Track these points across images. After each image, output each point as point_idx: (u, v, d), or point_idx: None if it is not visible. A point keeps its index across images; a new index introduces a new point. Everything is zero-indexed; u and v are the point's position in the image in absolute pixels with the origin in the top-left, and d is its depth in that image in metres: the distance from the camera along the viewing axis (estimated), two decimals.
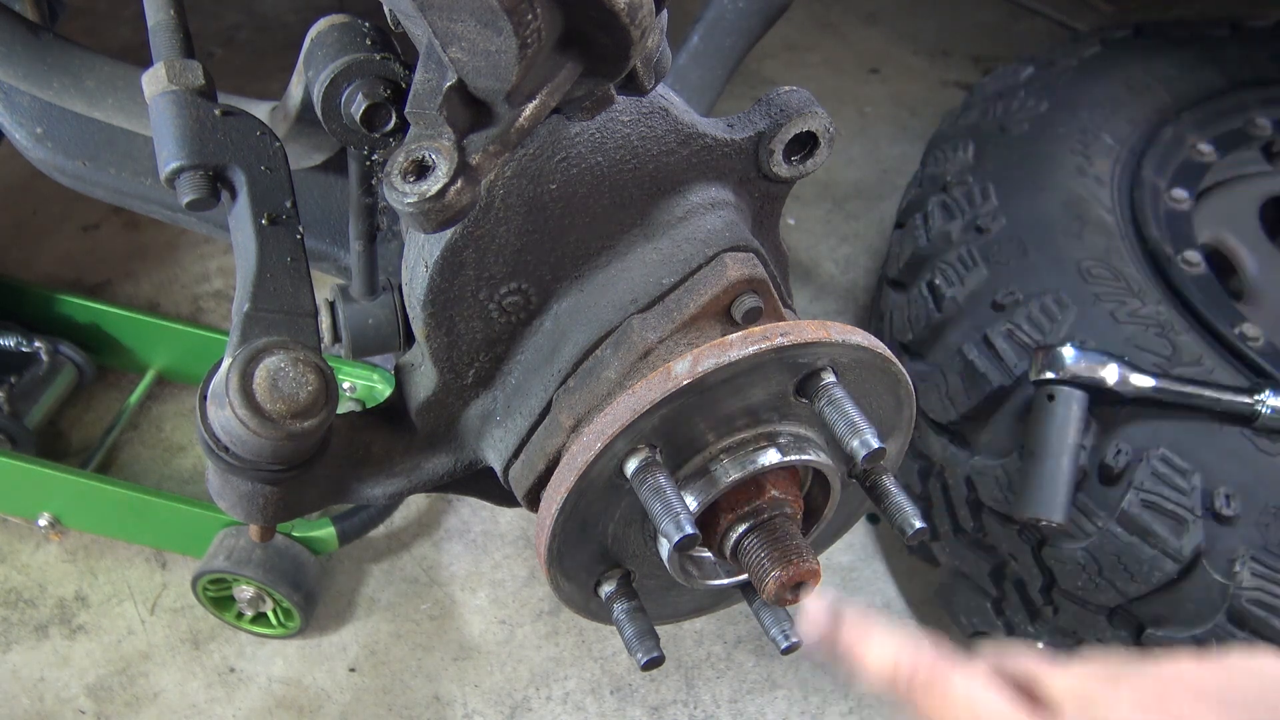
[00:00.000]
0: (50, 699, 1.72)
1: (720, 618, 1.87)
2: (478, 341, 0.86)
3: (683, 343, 0.82)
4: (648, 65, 0.70)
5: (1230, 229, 1.82)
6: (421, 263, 0.83)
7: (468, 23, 0.60)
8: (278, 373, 0.74)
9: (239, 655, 1.79)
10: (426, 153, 0.67)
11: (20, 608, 1.82)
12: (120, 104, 1.08)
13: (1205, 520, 1.39)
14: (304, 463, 0.82)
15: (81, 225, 2.42)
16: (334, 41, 0.86)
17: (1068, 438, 1.44)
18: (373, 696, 1.76)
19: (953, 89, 3.03)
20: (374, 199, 1.00)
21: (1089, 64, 2.01)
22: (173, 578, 1.87)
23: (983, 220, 1.74)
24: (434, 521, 1.98)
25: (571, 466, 0.76)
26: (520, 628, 1.85)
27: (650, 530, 0.83)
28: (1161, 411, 1.46)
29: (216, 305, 2.31)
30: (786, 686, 1.80)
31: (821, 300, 2.44)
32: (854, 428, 0.74)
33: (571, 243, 0.85)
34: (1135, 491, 1.42)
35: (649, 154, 0.84)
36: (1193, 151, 1.87)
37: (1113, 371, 1.44)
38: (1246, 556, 1.37)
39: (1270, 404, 1.41)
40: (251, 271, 0.81)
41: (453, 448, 0.93)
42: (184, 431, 2.08)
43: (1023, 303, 1.59)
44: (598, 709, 1.76)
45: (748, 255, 0.85)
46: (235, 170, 0.84)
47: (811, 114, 0.88)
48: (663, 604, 0.92)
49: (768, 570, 0.76)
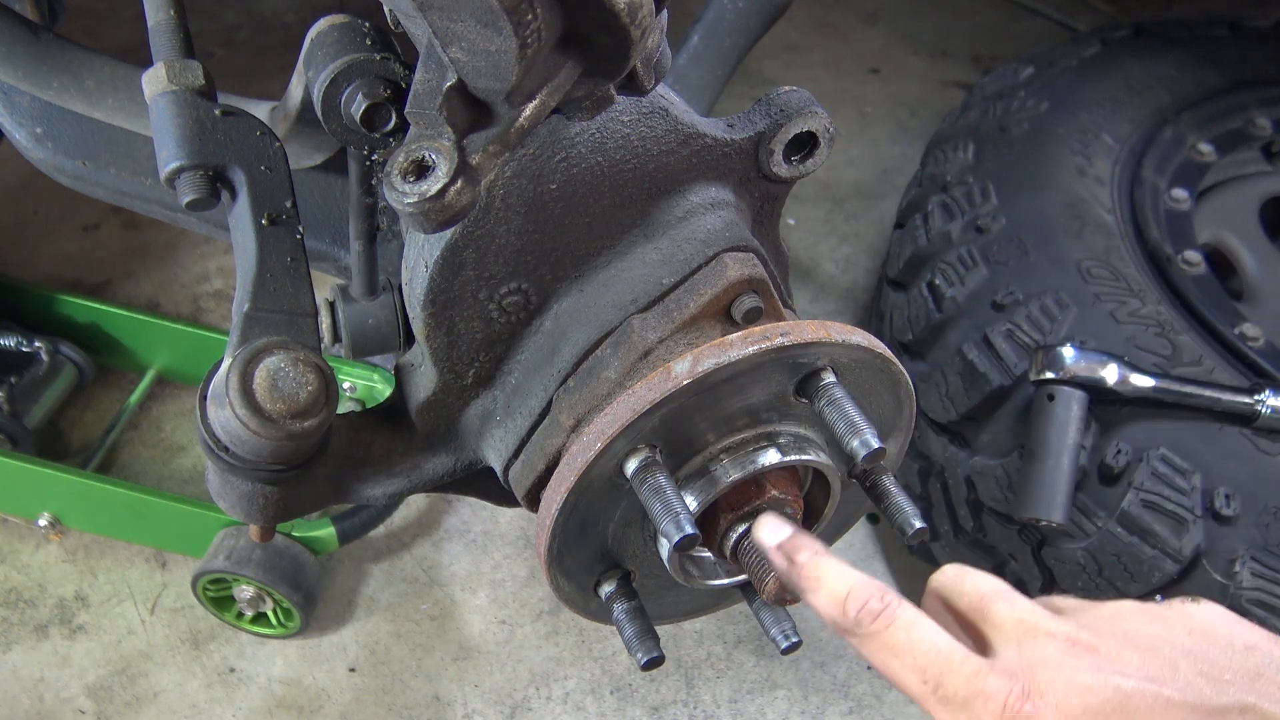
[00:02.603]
0: (50, 699, 1.72)
1: (720, 618, 1.87)
2: (478, 341, 0.86)
3: (683, 343, 0.82)
4: (648, 65, 0.70)
5: (1230, 229, 1.82)
6: (421, 263, 0.83)
7: (468, 23, 0.60)
8: (278, 373, 0.74)
9: (239, 655, 1.79)
10: (426, 153, 0.67)
11: (20, 608, 1.82)
12: (120, 104, 1.08)
13: (1205, 520, 1.39)
14: (304, 463, 0.82)
15: (81, 225, 2.42)
16: (334, 41, 0.86)
17: (1068, 438, 1.44)
18: (373, 696, 1.76)
19: (953, 89, 3.03)
20: (374, 199, 1.00)
21: (1089, 64, 2.01)
22: (173, 578, 1.87)
23: (983, 220, 1.74)
24: (434, 521, 1.98)
25: (571, 466, 0.76)
26: (520, 628, 1.85)
27: (650, 530, 0.83)
28: (1161, 411, 1.45)
29: (216, 305, 2.31)
30: (786, 686, 1.80)
31: (821, 300, 2.44)
32: (854, 428, 0.74)
33: (571, 243, 0.85)
34: (1135, 491, 1.42)
35: (649, 154, 0.84)
36: (1193, 151, 1.87)
37: (1113, 371, 1.44)
38: (1246, 556, 1.37)
39: (1270, 404, 1.41)
40: (251, 271, 0.81)
41: (453, 448, 0.93)
42: (184, 431, 2.08)
43: (1023, 303, 1.59)
44: (598, 709, 1.76)
45: (748, 255, 0.85)
46: (235, 170, 0.84)
47: (811, 114, 0.88)
48: (663, 604, 0.92)
49: (768, 570, 0.76)
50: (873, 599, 0.63)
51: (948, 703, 0.59)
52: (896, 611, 0.62)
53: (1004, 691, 0.57)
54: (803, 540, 0.69)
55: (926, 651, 0.60)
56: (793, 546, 0.69)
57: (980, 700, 0.58)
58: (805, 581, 0.67)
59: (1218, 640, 0.59)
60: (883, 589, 0.64)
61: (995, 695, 0.57)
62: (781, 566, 0.69)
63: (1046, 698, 0.57)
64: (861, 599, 0.63)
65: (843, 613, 0.63)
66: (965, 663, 0.59)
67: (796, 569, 0.68)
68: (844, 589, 0.64)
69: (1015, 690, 0.57)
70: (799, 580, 0.68)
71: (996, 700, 0.57)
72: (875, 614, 0.62)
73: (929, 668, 0.60)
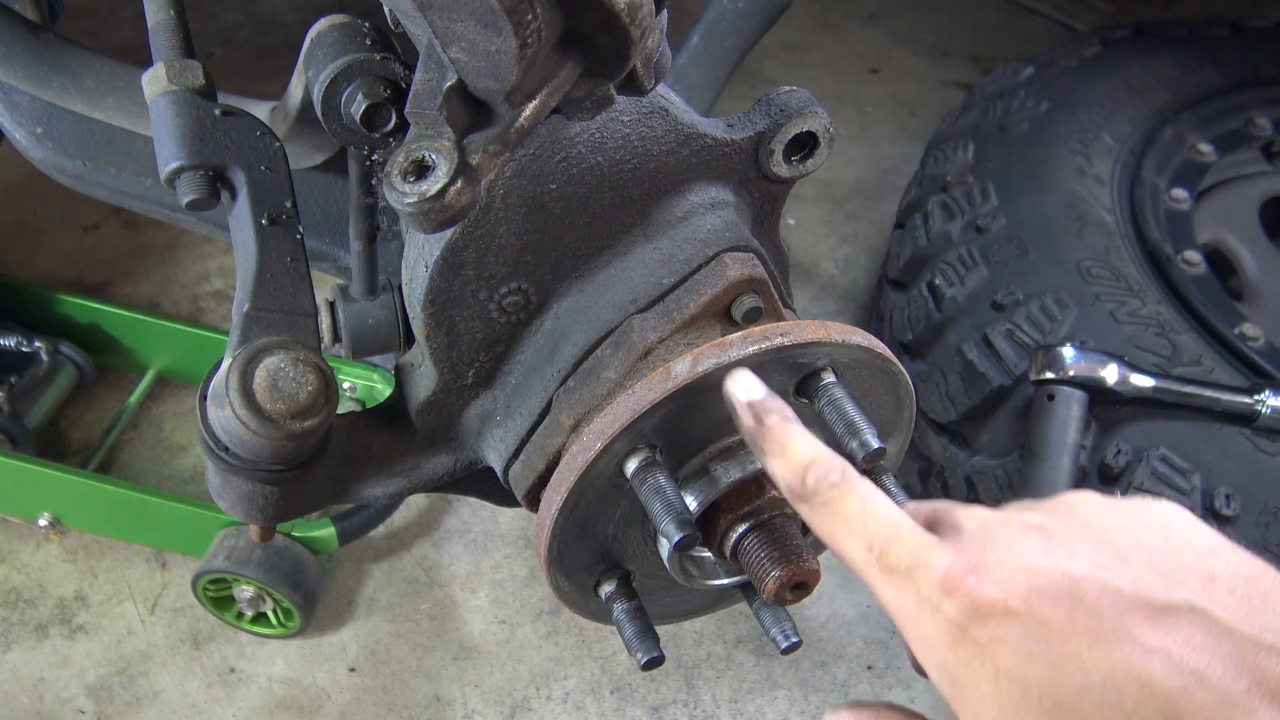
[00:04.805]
0: (50, 699, 1.72)
1: (720, 618, 1.87)
2: (478, 341, 0.86)
3: (683, 343, 0.82)
4: (648, 65, 0.70)
5: (1230, 229, 1.83)
6: (421, 263, 0.83)
7: (468, 23, 0.60)
8: (278, 373, 0.74)
9: (239, 655, 1.79)
10: (426, 153, 0.67)
11: (20, 608, 1.82)
12: (120, 104, 1.08)
13: (1205, 520, 1.39)
14: (304, 463, 0.82)
15: (81, 225, 2.42)
16: (334, 41, 0.86)
17: (1068, 438, 1.44)
18: (373, 696, 1.76)
19: (953, 89, 3.03)
20: (374, 199, 1.00)
21: (1089, 64, 2.01)
22: (173, 578, 1.87)
23: (983, 220, 1.74)
24: (434, 521, 1.98)
25: (571, 466, 0.76)
26: (520, 628, 1.85)
27: (650, 530, 0.83)
28: (1161, 411, 1.46)
29: (216, 305, 2.31)
30: (786, 686, 1.80)
31: (821, 300, 2.44)
32: (854, 428, 0.74)
33: (571, 242, 0.85)
34: (1135, 491, 1.42)
35: (649, 154, 0.84)
36: (1193, 151, 1.87)
37: (1113, 371, 1.44)
38: None
39: (1270, 404, 1.41)
40: (251, 271, 0.81)
41: (453, 448, 0.93)
42: (184, 431, 2.08)
43: (1023, 303, 1.59)
44: (598, 709, 1.76)
45: (748, 255, 0.85)
46: (235, 170, 0.84)
47: (811, 114, 0.88)
48: (663, 604, 0.92)
49: (768, 570, 0.76)
50: (833, 470, 0.61)
51: (890, 571, 0.57)
52: (854, 483, 0.61)
53: (947, 562, 0.55)
54: (774, 403, 0.67)
55: (878, 519, 0.59)
56: (764, 408, 0.66)
57: (922, 569, 0.56)
58: (769, 444, 0.65)
59: (1174, 539, 0.57)
60: (845, 464, 0.62)
61: (937, 565, 0.55)
62: (748, 425, 0.67)
63: (991, 574, 0.54)
64: (823, 469, 0.62)
65: (801, 480, 0.62)
66: (914, 533, 0.58)
67: (763, 430, 0.65)
68: (807, 457, 0.62)
69: (959, 563, 0.55)
70: (763, 441, 0.65)
71: (938, 569, 0.55)
72: (833, 484, 0.61)
73: (876, 535, 0.58)
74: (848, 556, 0.60)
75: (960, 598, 0.54)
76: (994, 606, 0.54)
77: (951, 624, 0.55)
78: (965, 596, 0.54)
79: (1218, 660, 0.51)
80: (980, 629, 0.54)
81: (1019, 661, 0.53)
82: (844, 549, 0.60)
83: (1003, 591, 0.54)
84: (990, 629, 0.54)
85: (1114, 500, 0.61)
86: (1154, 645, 0.52)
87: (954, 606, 0.55)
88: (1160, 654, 0.51)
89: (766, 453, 0.65)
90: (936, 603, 0.55)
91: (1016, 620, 0.53)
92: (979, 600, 0.54)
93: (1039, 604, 0.53)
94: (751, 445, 0.66)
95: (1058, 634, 0.53)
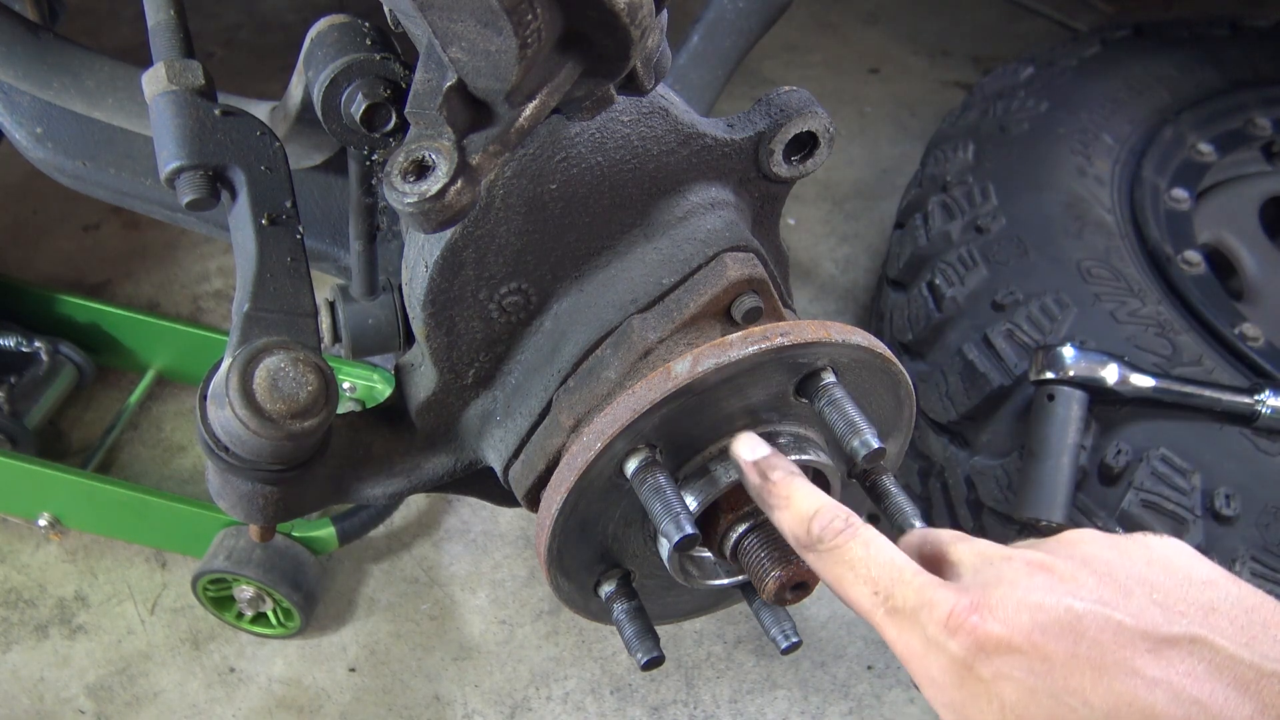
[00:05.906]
0: (50, 699, 1.72)
1: (720, 618, 1.87)
2: (478, 341, 0.86)
3: (683, 343, 0.82)
4: (648, 65, 0.70)
5: (1230, 229, 1.83)
6: (421, 263, 0.83)
7: (468, 23, 0.60)
8: (278, 373, 0.74)
9: (239, 655, 1.79)
10: (426, 153, 0.67)
11: (20, 608, 1.82)
12: (120, 104, 1.08)
13: (1205, 520, 1.39)
14: (304, 463, 0.82)
15: (81, 225, 2.42)
16: (334, 41, 0.86)
17: (1068, 438, 1.44)
18: (373, 696, 1.76)
19: (953, 89, 3.03)
20: (374, 199, 1.00)
21: (1089, 64, 2.01)
22: (173, 578, 1.87)
23: (983, 220, 1.74)
24: (434, 521, 1.98)
25: (571, 466, 0.76)
26: (520, 628, 1.85)
27: (650, 530, 0.83)
28: (1161, 411, 1.46)
29: (216, 305, 2.31)
30: (786, 686, 1.80)
31: (821, 300, 2.44)
32: (854, 428, 0.74)
33: (571, 242, 0.85)
34: (1135, 491, 1.42)
35: (649, 154, 0.84)
36: (1193, 151, 1.87)
37: (1113, 371, 1.44)
38: (1246, 556, 1.37)
39: (1270, 404, 1.41)
40: (251, 271, 0.81)
41: (453, 448, 0.93)
42: (184, 431, 2.08)
43: (1023, 303, 1.59)
44: (598, 709, 1.76)
45: (748, 255, 0.85)
46: (235, 170, 0.84)
47: (811, 114, 0.88)
48: (663, 604, 0.92)
49: (768, 570, 0.76)
50: (837, 519, 0.64)
51: (896, 613, 0.59)
52: (858, 529, 0.63)
53: (951, 602, 0.57)
54: (778, 460, 0.71)
55: (881, 564, 0.61)
56: (768, 464, 0.71)
57: (927, 610, 0.57)
58: (775, 499, 0.68)
59: (1175, 572, 0.58)
60: (848, 512, 0.65)
61: (942, 605, 0.57)
62: (754, 482, 0.70)
63: (995, 612, 0.56)
64: (827, 518, 0.64)
65: (806, 530, 0.65)
66: (917, 575, 0.60)
67: (768, 485, 0.69)
68: (811, 508, 0.66)
69: (963, 603, 0.56)
70: (769, 496, 0.69)
71: (942, 609, 0.56)
72: (837, 531, 0.63)
73: (881, 579, 0.60)
74: (854, 601, 0.62)
75: (965, 636, 0.56)
76: (998, 643, 0.55)
77: (957, 662, 0.56)
78: (970, 635, 0.56)
79: (1220, 689, 0.52)
80: (985, 666, 0.55)
81: (1024, 697, 0.54)
82: (850, 594, 0.62)
83: (1006, 628, 0.55)
84: (995, 665, 0.55)
85: (1115, 536, 0.62)
86: (1156, 677, 0.52)
87: (959, 645, 0.56)
88: (1163, 685, 0.52)
89: (773, 506, 0.67)
90: (942, 642, 0.56)
91: (1020, 656, 0.54)
92: (983, 638, 0.55)
93: (1042, 639, 0.54)
94: (759, 501, 0.69)
95: (1061, 668, 0.54)
